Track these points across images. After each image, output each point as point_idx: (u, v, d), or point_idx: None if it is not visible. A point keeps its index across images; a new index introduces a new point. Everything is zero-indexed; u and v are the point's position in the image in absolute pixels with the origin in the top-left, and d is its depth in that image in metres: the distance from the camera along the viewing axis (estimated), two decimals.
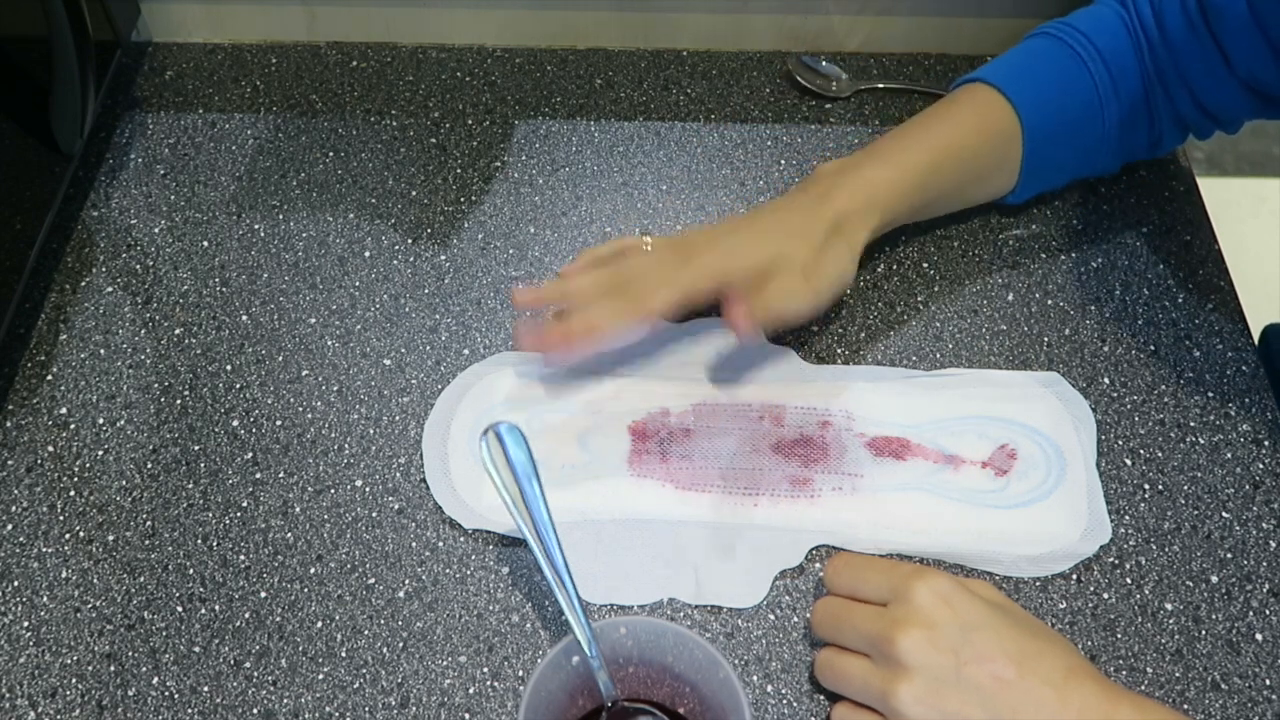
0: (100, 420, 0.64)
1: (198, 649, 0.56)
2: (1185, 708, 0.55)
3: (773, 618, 0.57)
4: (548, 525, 0.52)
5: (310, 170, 0.75)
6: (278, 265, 0.71)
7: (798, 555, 0.59)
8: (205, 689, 0.55)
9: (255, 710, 0.55)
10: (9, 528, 0.60)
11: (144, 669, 0.56)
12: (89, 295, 0.69)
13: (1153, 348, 0.67)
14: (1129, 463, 0.62)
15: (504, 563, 0.59)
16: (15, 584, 0.58)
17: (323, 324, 0.68)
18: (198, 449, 0.63)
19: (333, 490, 0.61)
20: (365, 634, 0.57)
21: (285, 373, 0.66)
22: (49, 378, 0.66)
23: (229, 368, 0.66)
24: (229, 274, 0.70)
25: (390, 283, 0.70)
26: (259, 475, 0.62)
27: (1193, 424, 0.64)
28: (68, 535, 0.60)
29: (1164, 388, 0.65)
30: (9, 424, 0.64)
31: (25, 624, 0.57)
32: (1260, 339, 0.67)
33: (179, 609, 0.58)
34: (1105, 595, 0.58)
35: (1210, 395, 0.65)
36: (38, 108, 0.66)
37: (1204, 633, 0.57)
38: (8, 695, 0.55)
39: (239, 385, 0.65)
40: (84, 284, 0.70)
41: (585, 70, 0.82)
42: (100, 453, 0.63)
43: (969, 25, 0.82)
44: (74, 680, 0.55)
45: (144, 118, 0.78)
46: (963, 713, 0.48)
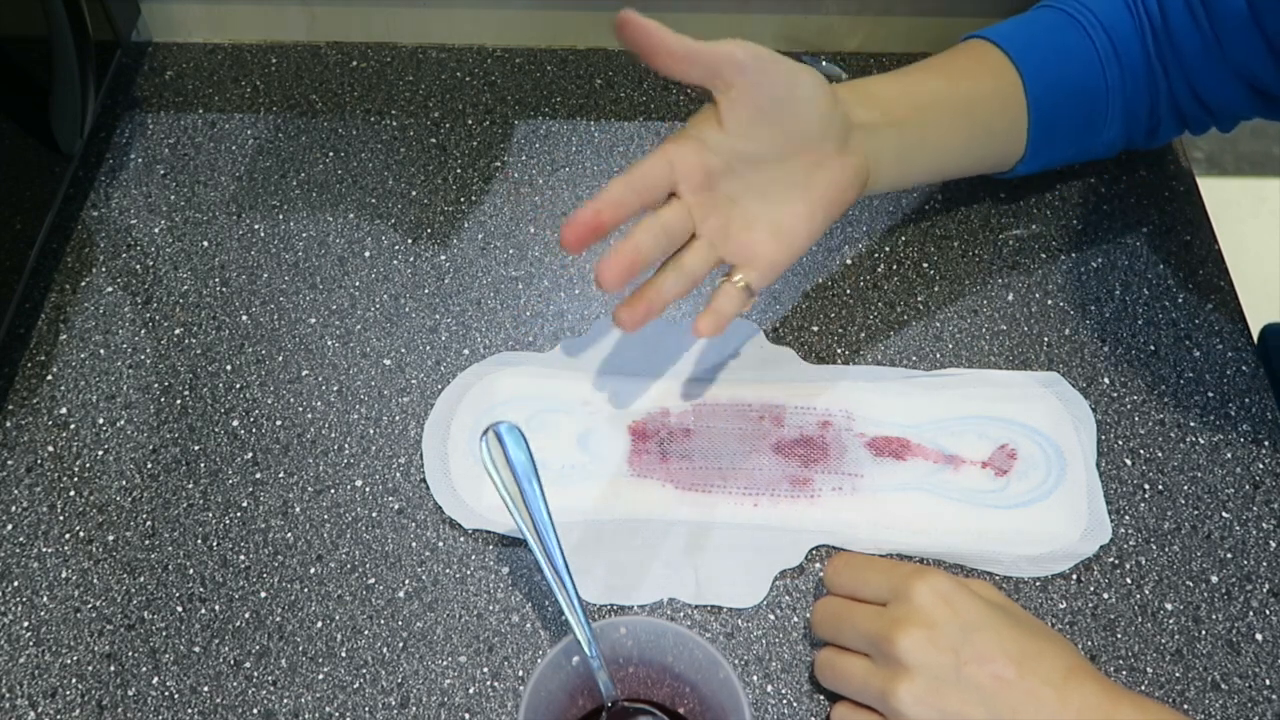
0: (100, 420, 0.64)
1: (198, 649, 0.56)
2: (1185, 708, 0.55)
3: (773, 618, 0.57)
4: (548, 525, 0.52)
5: (310, 170, 0.75)
6: (278, 265, 0.71)
7: (798, 555, 0.59)
8: (205, 689, 0.55)
9: (255, 710, 0.55)
10: (9, 528, 0.60)
11: (144, 669, 0.56)
12: (89, 295, 0.69)
13: (1153, 348, 0.67)
14: (1129, 463, 0.62)
15: (504, 563, 0.59)
16: (15, 584, 0.58)
17: (323, 324, 0.68)
18: (198, 449, 0.63)
19: (333, 490, 0.61)
20: (365, 634, 0.57)
21: (285, 373, 0.66)
22: (49, 378, 0.66)
23: (229, 368, 0.66)
24: (229, 274, 0.70)
25: (390, 283, 0.70)
26: (259, 475, 0.62)
27: (1193, 424, 0.64)
28: (68, 535, 0.60)
29: (1164, 388, 0.65)
30: (9, 424, 0.64)
31: (25, 624, 0.57)
32: (1259, 338, 0.67)
33: (179, 609, 0.58)
34: (1105, 595, 0.58)
35: (1210, 395, 0.65)
36: (38, 108, 0.66)
37: (1204, 633, 0.57)
38: (8, 695, 0.55)
39: (239, 385, 0.65)
40: (84, 284, 0.70)
41: (585, 70, 0.82)
42: (100, 453, 0.63)
43: (969, 25, 0.82)
44: (74, 680, 0.55)
45: (144, 118, 0.78)
46: (963, 712, 0.48)
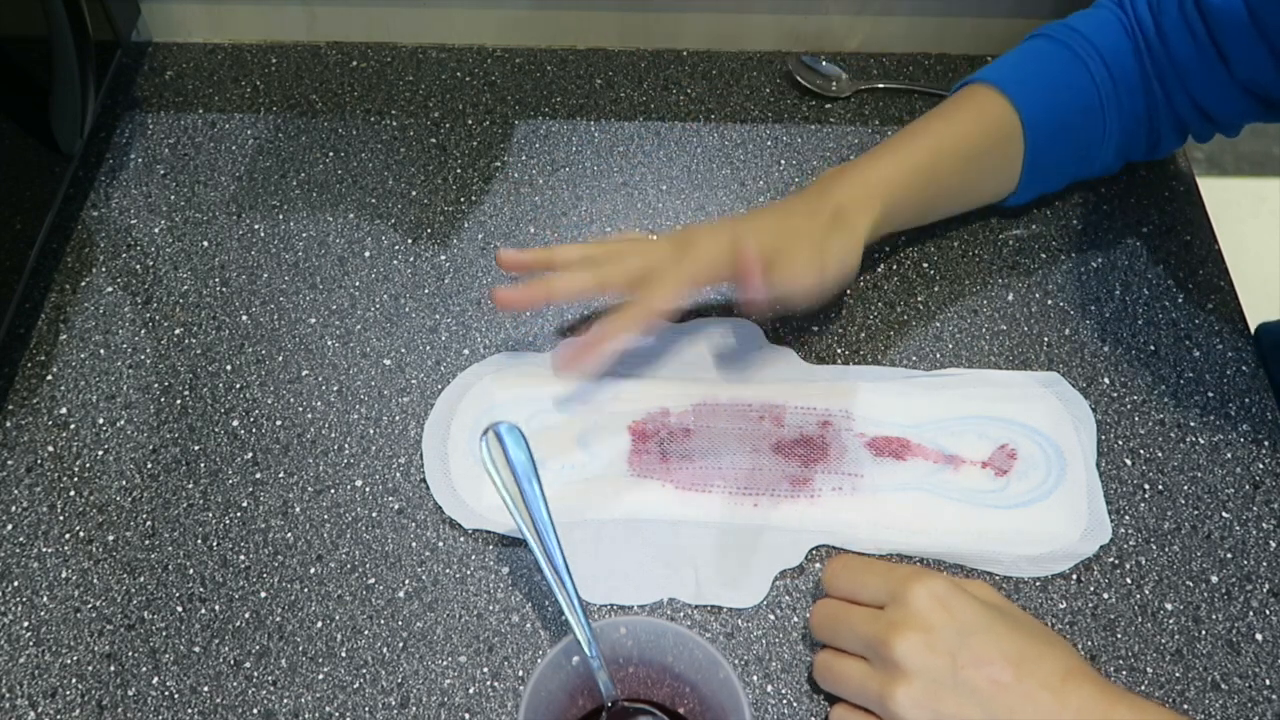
0: (100, 420, 0.64)
1: (198, 649, 0.56)
2: (1185, 708, 0.55)
3: (773, 618, 0.57)
4: (548, 525, 0.52)
5: (310, 170, 0.75)
6: (278, 265, 0.71)
7: (798, 555, 0.59)
8: (205, 689, 0.55)
9: (255, 710, 0.55)
10: (9, 528, 0.60)
11: (144, 669, 0.56)
12: (89, 295, 0.69)
13: (1153, 348, 0.67)
14: (1129, 463, 0.62)
15: (504, 563, 0.59)
16: (15, 584, 0.58)
17: (323, 324, 0.68)
18: (198, 449, 0.63)
19: (333, 490, 0.61)
20: (365, 634, 0.57)
21: (285, 373, 0.66)
22: (49, 378, 0.66)
23: (229, 368, 0.66)
24: (229, 274, 0.70)
25: (390, 283, 0.70)
26: (259, 475, 0.62)
27: (1193, 424, 0.64)
28: (68, 535, 0.60)
29: (1164, 388, 0.65)
30: (9, 424, 0.64)
31: (25, 624, 0.57)
32: (1254, 337, 0.67)
33: (179, 609, 0.58)
34: (1105, 595, 0.58)
35: (1210, 395, 0.65)
36: (38, 108, 0.66)
37: (1204, 633, 0.57)
38: (8, 695, 0.55)
39: (239, 385, 0.65)
40: (84, 284, 0.70)
41: (585, 70, 0.82)
42: (100, 453, 0.63)
43: (969, 25, 0.82)
44: (74, 680, 0.55)
45: (144, 118, 0.78)
46: (960, 715, 0.48)
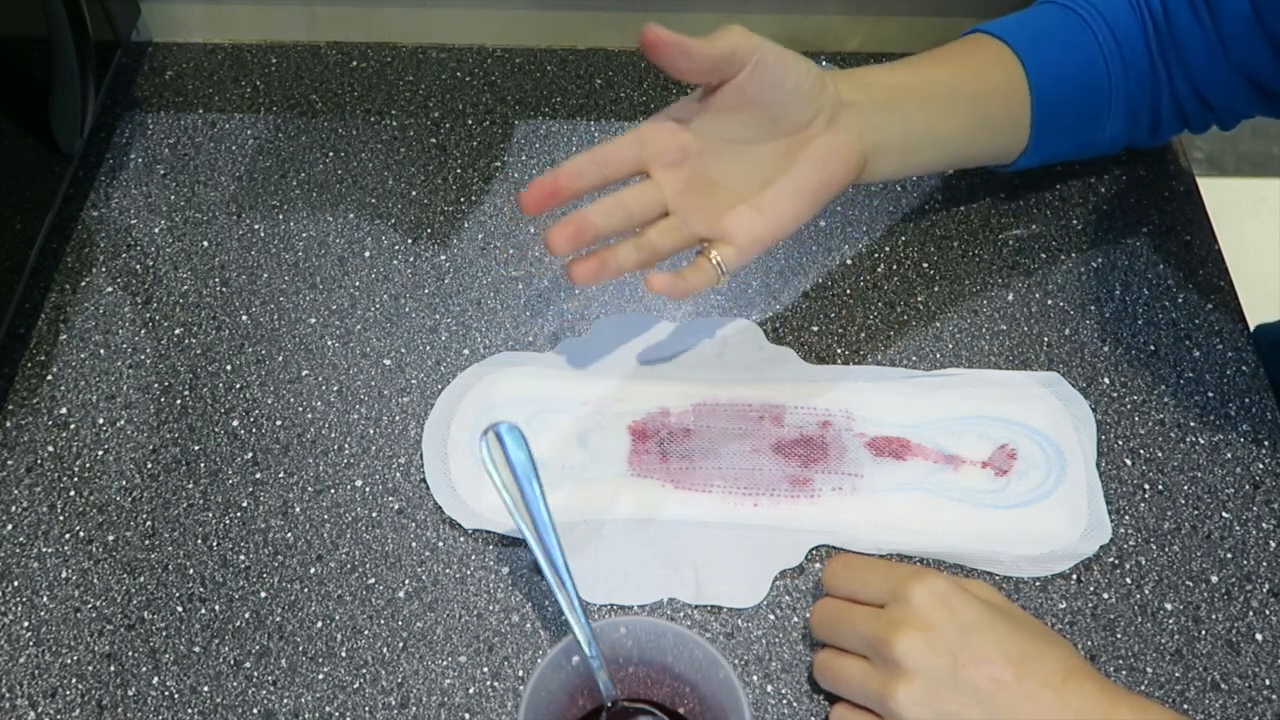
0: (100, 420, 0.64)
1: (198, 649, 0.56)
2: (1185, 708, 0.55)
3: (773, 618, 0.57)
4: (548, 525, 0.52)
5: (310, 170, 0.75)
6: (278, 265, 0.71)
7: (798, 555, 0.59)
8: (205, 689, 0.55)
9: (255, 710, 0.55)
10: (9, 528, 0.60)
11: (144, 669, 0.56)
12: (89, 295, 0.69)
13: (1153, 348, 0.67)
14: (1129, 463, 0.62)
15: (504, 563, 0.59)
16: (15, 584, 0.58)
17: (323, 324, 0.68)
18: (198, 449, 0.63)
19: (333, 490, 0.61)
20: (365, 634, 0.57)
21: (285, 373, 0.66)
22: (49, 378, 0.66)
23: (229, 368, 0.66)
24: (229, 274, 0.70)
25: (390, 283, 0.70)
26: (259, 475, 0.62)
27: (1193, 424, 0.64)
28: (68, 535, 0.60)
29: (1164, 388, 0.65)
30: (9, 424, 0.64)
31: (25, 624, 0.57)
32: (1254, 337, 0.67)
33: (179, 609, 0.58)
34: (1105, 595, 0.58)
35: (1210, 395, 0.65)
36: (38, 108, 0.66)
37: (1204, 633, 0.57)
38: (8, 695, 0.55)
39: (239, 385, 0.65)
40: (84, 284, 0.70)
41: (585, 70, 0.82)
42: (100, 453, 0.63)
43: (969, 25, 0.82)
44: (74, 680, 0.55)
45: (144, 118, 0.78)
46: (961, 715, 0.48)
